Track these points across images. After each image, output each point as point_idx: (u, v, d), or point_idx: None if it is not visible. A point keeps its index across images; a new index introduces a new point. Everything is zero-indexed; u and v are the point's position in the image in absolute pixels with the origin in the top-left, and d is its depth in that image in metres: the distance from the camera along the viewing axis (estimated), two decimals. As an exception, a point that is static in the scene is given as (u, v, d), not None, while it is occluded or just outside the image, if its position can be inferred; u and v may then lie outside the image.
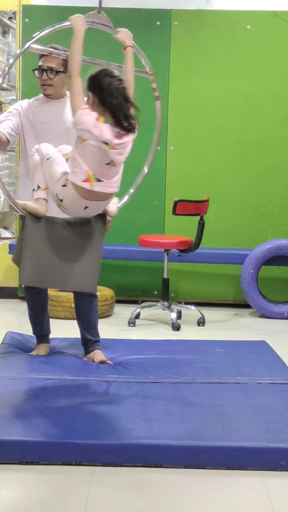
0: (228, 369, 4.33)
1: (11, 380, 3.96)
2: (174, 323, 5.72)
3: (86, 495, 2.85)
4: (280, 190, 6.58)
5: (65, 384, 3.92)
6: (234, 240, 6.62)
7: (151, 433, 3.26)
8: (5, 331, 4.97)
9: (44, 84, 4.24)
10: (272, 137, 6.53)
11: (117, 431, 3.26)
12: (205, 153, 6.52)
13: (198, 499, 2.87)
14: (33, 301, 4.47)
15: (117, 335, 4.67)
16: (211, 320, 6.06)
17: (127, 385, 3.92)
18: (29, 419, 3.40)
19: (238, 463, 3.11)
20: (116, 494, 2.89)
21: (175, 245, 5.88)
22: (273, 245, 6.27)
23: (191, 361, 4.48)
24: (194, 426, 3.37)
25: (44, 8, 6.47)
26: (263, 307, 6.26)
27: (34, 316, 4.50)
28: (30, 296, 4.47)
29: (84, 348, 4.46)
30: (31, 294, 4.46)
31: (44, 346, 4.52)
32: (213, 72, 6.48)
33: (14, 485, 2.95)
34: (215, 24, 6.45)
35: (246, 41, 6.46)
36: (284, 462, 3.09)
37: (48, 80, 4.23)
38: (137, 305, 6.04)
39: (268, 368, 4.37)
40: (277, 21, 6.43)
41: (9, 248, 6.41)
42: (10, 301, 6.56)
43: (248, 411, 3.58)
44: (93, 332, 4.43)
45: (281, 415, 3.54)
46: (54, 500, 2.82)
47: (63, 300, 5.87)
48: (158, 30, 6.41)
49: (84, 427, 3.30)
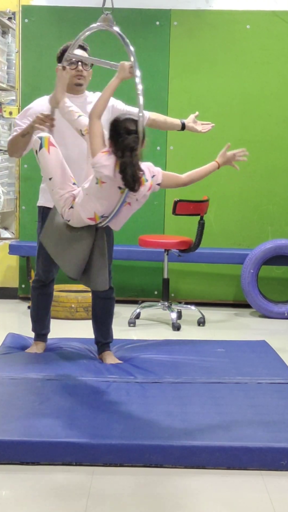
0: (228, 369, 4.32)
1: (11, 380, 3.96)
2: (174, 323, 5.72)
3: (87, 495, 2.85)
4: (280, 190, 6.58)
5: (65, 384, 3.91)
6: (234, 240, 6.62)
7: (151, 433, 3.25)
8: (5, 331, 4.97)
9: (79, 74, 4.27)
10: (272, 137, 6.53)
11: (117, 431, 3.25)
12: (205, 153, 6.49)
13: (198, 499, 2.87)
14: (38, 300, 4.50)
15: (117, 335, 4.68)
16: (211, 320, 6.06)
17: (127, 385, 3.92)
18: (29, 419, 3.40)
19: (239, 463, 3.11)
20: (116, 494, 2.89)
21: (175, 245, 5.88)
22: (273, 245, 6.27)
23: (191, 361, 4.47)
24: (194, 426, 3.36)
25: (44, 9, 6.47)
26: (263, 307, 6.26)
27: (37, 315, 4.52)
28: (37, 295, 4.50)
29: (96, 346, 4.50)
30: (37, 294, 4.49)
31: (41, 344, 4.55)
32: (213, 72, 6.48)
33: (14, 485, 2.95)
34: (214, 24, 6.45)
35: (245, 41, 6.46)
36: (284, 462, 3.09)
37: (83, 72, 4.28)
38: (137, 305, 6.05)
39: (268, 368, 4.37)
40: (276, 21, 6.43)
41: (9, 248, 6.41)
42: (10, 301, 6.56)
43: (248, 411, 3.58)
44: (105, 333, 4.46)
45: (281, 415, 3.54)
46: (54, 500, 2.82)
47: (63, 300, 5.87)
48: (158, 30, 6.41)
49: (84, 427, 3.30)
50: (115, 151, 3.49)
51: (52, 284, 4.51)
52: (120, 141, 3.48)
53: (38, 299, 4.51)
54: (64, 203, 3.69)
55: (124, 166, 3.46)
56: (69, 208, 3.68)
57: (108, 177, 3.51)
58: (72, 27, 6.31)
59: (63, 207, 3.69)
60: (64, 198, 3.69)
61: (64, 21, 6.40)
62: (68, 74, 4.02)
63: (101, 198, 3.59)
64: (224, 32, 6.46)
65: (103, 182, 3.53)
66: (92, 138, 3.59)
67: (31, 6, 6.48)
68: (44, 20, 6.46)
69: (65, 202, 3.69)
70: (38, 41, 6.45)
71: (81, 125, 3.78)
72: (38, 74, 6.42)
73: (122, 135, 3.48)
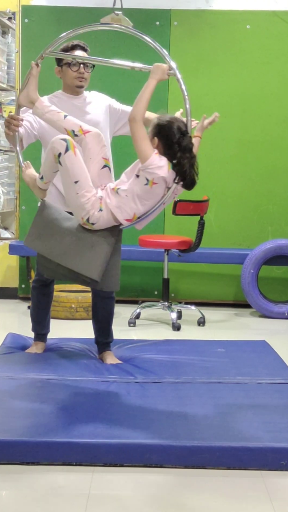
0: (228, 369, 4.33)
1: (11, 380, 3.96)
2: (174, 323, 5.72)
3: (87, 495, 2.85)
4: (280, 190, 6.58)
5: (65, 384, 3.91)
6: (234, 240, 6.62)
7: (151, 433, 3.25)
8: (5, 331, 4.97)
9: (80, 76, 4.26)
10: (272, 137, 6.53)
11: (118, 431, 3.25)
12: (205, 153, 6.51)
13: (198, 499, 2.87)
14: (38, 300, 4.51)
15: (118, 335, 4.68)
16: (211, 320, 6.06)
17: (127, 385, 3.92)
18: (29, 419, 3.40)
19: (239, 463, 3.10)
20: (116, 494, 2.89)
21: (175, 245, 5.88)
22: (273, 245, 6.27)
23: (191, 361, 4.48)
24: (194, 426, 3.37)
25: (44, 9, 6.47)
26: (264, 307, 6.26)
27: (37, 315, 4.53)
28: (37, 295, 4.51)
29: (97, 346, 4.50)
30: (37, 293, 4.49)
31: (41, 344, 4.55)
32: (213, 72, 6.48)
33: (14, 485, 2.95)
34: (214, 24, 6.45)
35: (245, 41, 6.47)
36: (284, 462, 3.09)
37: (85, 74, 4.27)
38: (137, 305, 6.05)
39: (268, 368, 4.37)
40: (276, 21, 6.43)
41: (9, 248, 6.40)
42: (10, 301, 6.56)
43: (249, 411, 3.58)
44: (105, 333, 4.46)
45: (281, 415, 3.54)
46: (54, 500, 2.82)
47: (63, 300, 5.88)
48: (158, 30, 6.41)
49: (84, 427, 3.30)
50: (170, 152, 3.50)
51: (52, 284, 4.51)
52: (176, 142, 3.49)
53: (38, 299, 4.51)
54: (92, 206, 3.57)
55: (184, 167, 3.48)
56: (98, 211, 3.59)
57: (163, 178, 3.51)
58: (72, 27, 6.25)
59: (90, 211, 3.57)
60: (91, 201, 3.57)
61: (64, 21, 6.40)
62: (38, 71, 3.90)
63: (147, 199, 3.57)
64: (224, 32, 6.46)
65: (154, 183, 3.52)
66: (139, 142, 3.51)
67: (31, 6, 6.48)
68: (44, 20, 6.46)
69: (93, 205, 3.57)
70: (38, 41, 6.43)
71: (71, 125, 3.63)
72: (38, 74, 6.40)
73: (176, 136, 3.50)
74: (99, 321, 4.45)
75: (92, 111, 4.24)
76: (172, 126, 3.53)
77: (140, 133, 3.52)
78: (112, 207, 3.58)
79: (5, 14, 6.74)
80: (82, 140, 3.61)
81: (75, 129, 3.62)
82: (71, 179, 3.56)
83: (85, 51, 4.27)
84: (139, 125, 3.52)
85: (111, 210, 3.58)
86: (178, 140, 3.50)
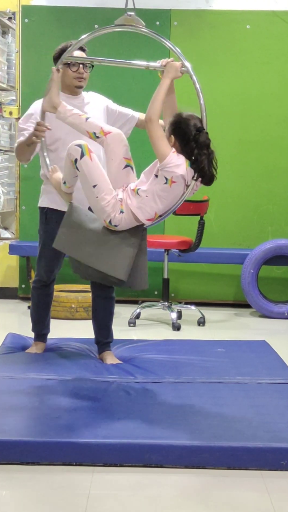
0: (228, 369, 4.33)
1: (11, 380, 3.96)
2: (174, 323, 5.72)
3: (87, 495, 2.85)
4: (280, 190, 6.58)
5: (65, 384, 3.91)
6: (234, 240, 6.62)
7: (151, 433, 3.25)
8: (5, 331, 4.97)
9: (80, 77, 4.27)
10: (272, 137, 6.53)
11: (117, 431, 3.25)
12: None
13: (198, 499, 2.87)
14: (38, 300, 4.51)
15: (118, 335, 4.68)
16: (211, 320, 6.06)
17: (127, 385, 3.92)
18: (29, 419, 3.40)
19: (239, 463, 3.10)
20: (116, 494, 2.89)
21: (175, 245, 5.88)
22: (273, 245, 6.27)
23: (191, 361, 4.47)
24: (194, 426, 3.36)
25: (44, 9, 6.48)
26: (263, 307, 6.26)
27: (37, 315, 4.52)
28: (37, 295, 4.50)
29: (97, 346, 4.50)
30: (38, 294, 4.49)
31: (41, 344, 4.55)
32: (213, 72, 6.48)
33: (14, 485, 2.95)
34: (214, 24, 6.45)
35: (245, 41, 6.47)
36: (284, 462, 3.09)
37: (84, 74, 4.28)
38: (137, 305, 6.05)
39: (268, 368, 4.37)
40: (276, 21, 6.43)
41: (9, 248, 6.41)
42: (10, 301, 6.57)
43: (248, 411, 3.58)
44: (105, 333, 4.45)
45: (281, 415, 3.54)
46: (54, 500, 2.82)
47: (63, 300, 5.88)
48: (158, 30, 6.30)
49: (84, 427, 3.30)
50: (188, 150, 3.51)
51: (53, 284, 4.51)
52: (192, 139, 3.50)
53: (38, 299, 4.51)
54: (113, 208, 3.58)
55: (202, 163, 3.50)
56: (119, 213, 3.59)
57: (182, 176, 3.51)
58: (72, 27, 6.32)
59: (111, 213, 3.59)
60: (112, 204, 3.58)
61: (64, 21, 6.40)
62: (61, 76, 3.97)
63: (167, 198, 3.58)
64: (224, 32, 6.46)
65: (174, 181, 3.53)
66: (157, 141, 3.52)
67: (31, 6, 6.48)
68: (44, 20, 6.46)
69: (114, 208, 3.58)
70: (38, 41, 6.44)
71: (93, 127, 3.66)
72: (38, 74, 6.41)
73: (192, 133, 3.51)
74: (99, 321, 4.45)
75: (90, 111, 4.24)
76: (189, 123, 3.55)
77: (157, 132, 3.54)
78: (133, 208, 3.59)
79: (5, 14, 6.74)
80: (104, 141, 3.63)
81: (96, 131, 3.65)
82: (90, 183, 3.60)
83: (83, 51, 4.27)
84: (155, 125, 3.54)
85: (132, 211, 3.60)
86: (195, 137, 3.51)
